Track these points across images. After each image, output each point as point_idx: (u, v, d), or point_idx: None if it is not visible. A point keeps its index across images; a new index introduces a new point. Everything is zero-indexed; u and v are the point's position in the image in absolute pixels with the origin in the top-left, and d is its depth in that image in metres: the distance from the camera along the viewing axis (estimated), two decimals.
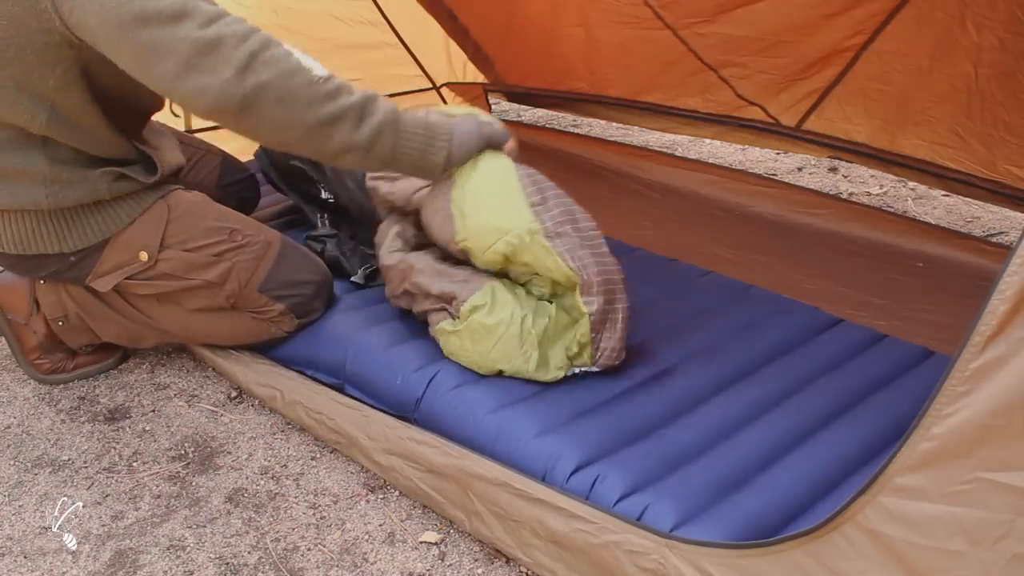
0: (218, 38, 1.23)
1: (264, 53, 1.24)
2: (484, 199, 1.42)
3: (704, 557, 1.07)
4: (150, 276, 1.55)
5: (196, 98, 1.24)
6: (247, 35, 1.24)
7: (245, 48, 1.23)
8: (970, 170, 2.02)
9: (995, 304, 0.79)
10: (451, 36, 2.81)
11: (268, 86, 1.24)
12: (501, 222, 1.39)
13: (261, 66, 1.23)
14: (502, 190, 1.42)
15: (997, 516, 0.83)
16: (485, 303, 1.42)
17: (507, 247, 1.38)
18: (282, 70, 1.24)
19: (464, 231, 1.42)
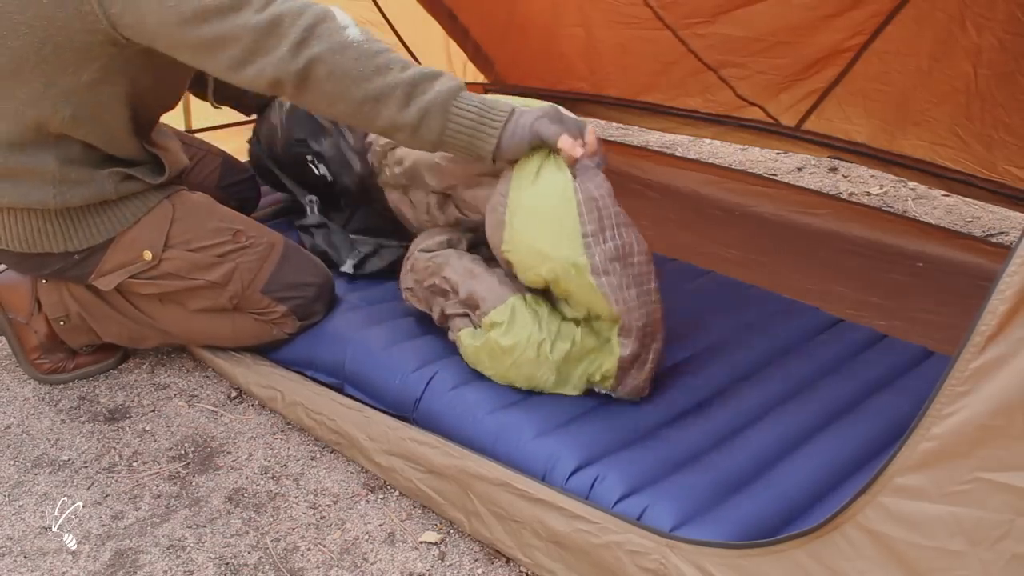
0: (275, 18, 1.28)
1: (318, 28, 1.28)
2: (535, 217, 1.34)
3: (705, 557, 1.07)
4: (153, 276, 1.55)
5: (257, 78, 1.30)
6: (302, 11, 1.29)
7: (300, 24, 1.28)
8: (970, 170, 2.02)
9: (995, 304, 0.79)
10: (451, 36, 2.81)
11: (319, 60, 1.27)
12: (547, 247, 1.32)
13: (315, 41, 1.28)
14: (556, 213, 1.32)
15: (997, 516, 0.83)
16: (503, 321, 1.38)
17: (550, 274, 1.33)
18: (333, 45, 1.28)
19: (510, 243, 1.36)
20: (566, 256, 1.30)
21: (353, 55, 1.28)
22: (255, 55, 1.28)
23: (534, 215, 1.33)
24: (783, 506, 1.19)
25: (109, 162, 1.50)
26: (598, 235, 1.30)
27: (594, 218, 1.30)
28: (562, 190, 1.32)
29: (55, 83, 1.38)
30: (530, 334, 1.37)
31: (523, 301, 1.40)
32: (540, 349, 1.36)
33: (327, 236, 1.85)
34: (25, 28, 1.33)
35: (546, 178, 1.34)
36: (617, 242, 1.31)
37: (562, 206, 1.31)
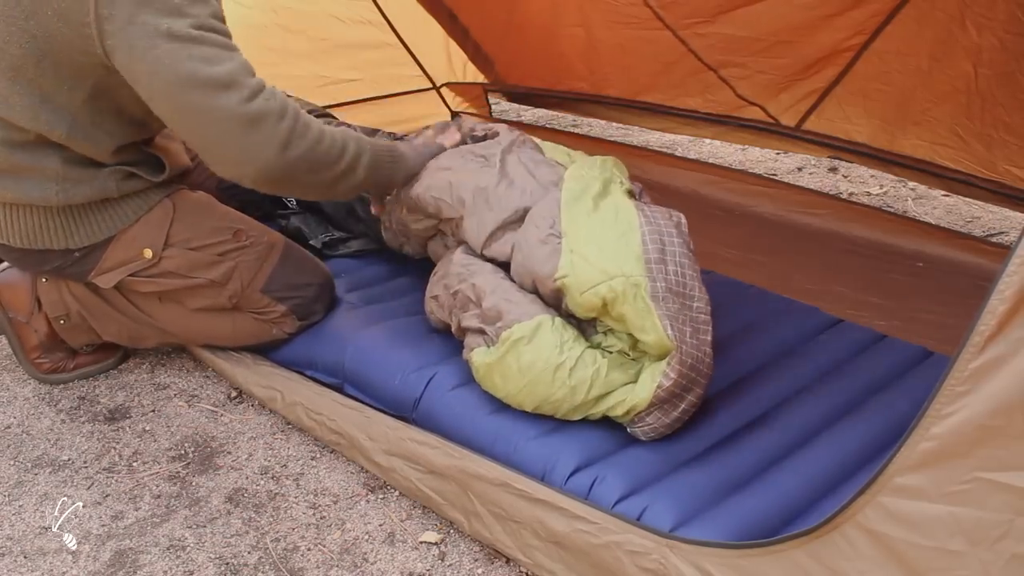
0: (261, 114, 1.31)
1: (297, 127, 1.35)
2: (598, 238, 1.32)
3: (704, 557, 1.07)
4: (153, 274, 1.55)
5: (231, 170, 1.36)
6: (283, 112, 1.34)
7: (283, 126, 1.33)
8: (970, 170, 2.02)
9: (994, 304, 0.79)
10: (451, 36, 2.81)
11: (302, 159, 1.36)
12: (609, 265, 1.28)
13: (297, 141, 1.35)
14: (619, 234, 1.32)
15: (996, 516, 0.83)
16: (524, 336, 1.32)
17: (609, 292, 1.26)
18: (310, 142, 1.37)
19: (568, 267, 1.31)
20: (629, 273, 1.26)
21: (324, 147, 1.39)
22: (234, 148, 1.32)
23: (597, 234, 1.33)
24: (783, 506, 1.19)
25: (111, 161, 1.50)
26: (660, 264, 1.28)
27: (657, 248, 1.30)
28: (626, 213, 1.35)
29: (51, 99, 1.38)
30: (549, 356, 1.31)
31: (550, 322, 1.34)
32: (557, 373, 1.30)
33: (303, 218, 1.91)
34: (27, 37, 1.33)
35: (608, 207, 1.37)
36: (679, 279, 1.29)
37: (628, 228, 1.32)
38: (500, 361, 1.34)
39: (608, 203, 1.40)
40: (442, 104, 2.96)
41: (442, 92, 2.95)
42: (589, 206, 1.38)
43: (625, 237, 1.31)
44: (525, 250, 1.38)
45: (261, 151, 1.31)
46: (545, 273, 1.34)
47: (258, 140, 1.31)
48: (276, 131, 1.31)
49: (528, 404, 1.33)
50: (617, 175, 1.52)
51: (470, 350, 1.41)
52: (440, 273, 1.55)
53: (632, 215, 1.35)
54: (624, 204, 1.39)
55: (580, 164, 1.54)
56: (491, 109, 3.04)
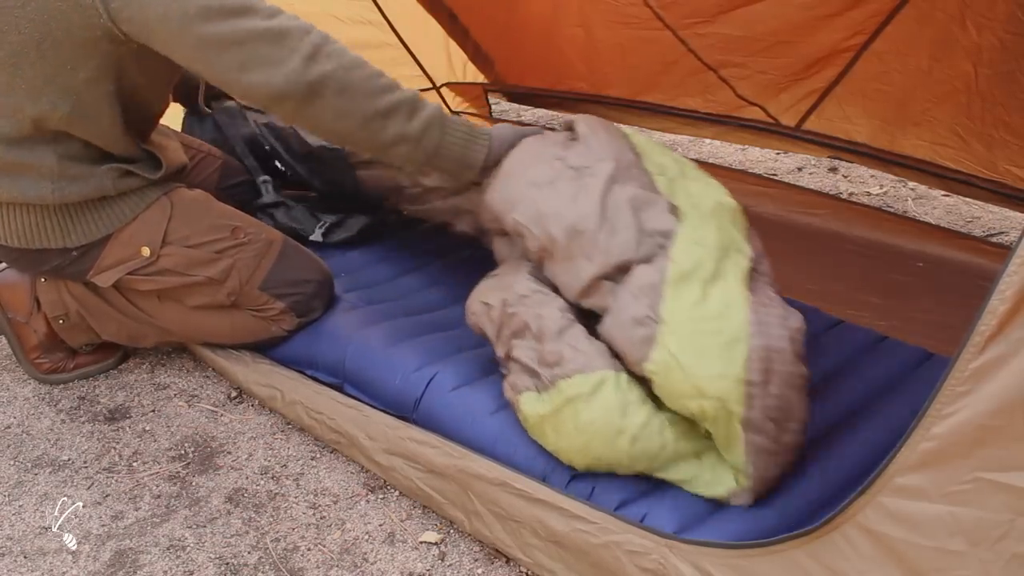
0: (284, 29, 1.29)
1: (326, 46, 1.31)
2: (699, 342, 1.15)
3: (704, 557, 1.07)
4: (152, 272, 1.55)
5: (260, 87, 1.30)
6: (309, 29, 1.32)
7: (309, 40, 1.30)
8: (970, 170, 2.01)
9: (995, 304, 0.79)
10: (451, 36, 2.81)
11: (331, 76, 1.30)
12: (705, 383, 1.12)
13: (325, 58, 1.30)
14: (724, 344, 1.14)
15: (996, 516, 0.83)
16: (582, 394, 1.20)
17: (698, 410, 1.14)
18: (344, 63, 1.32)
19: (661, 366, 1.16)
20: (725, 397, 1.11)
21: (363, 73, 1.33)
22: (258, 63, 1.29)
23: (698, 344, 1.15)
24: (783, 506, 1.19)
25: (108, 159, 1.50)
26: (763, 386, 1.12)
27: (762, 368, 1.13)
28: (737, 320, 1.16)
29: (53, 80, 1.38)
30: (610, 419, 1.18)
31: (614, 380, 1.21)
32: (617, 440, 1.18)
33: (288, 213, 1.90)
34: (26, 23, 1.33)
35: (718, 300, 1.19)
36: (779, 403, 1.14)
37: (734, 344, 1.14)
38: (555, 415, 1.22)
39: (719, 294, 1.20)
40: (442, 104, 2.96)
41: (442, 92, 2.95)
42: (697, 294, 1.20)
43: (730, 350, 1.14)
44: (619, 318, 1.23)
45: (284, 64, 1.28)
46: (634, 358, 1.19)
47: (280, 54, 1.29)
48: (300, 44, 1.29)
49: (580, 463, 1.22)
50: (736, 238, 1.33)
51: (515, 390, 1.29)
52: (500, 283, 1.40)
53: (743, 318, 1.16)
54: (737, 299, 1.20)
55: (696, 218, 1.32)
56: (491, 109, 3.04)
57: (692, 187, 1.41)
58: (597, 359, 1.23)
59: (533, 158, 1.42)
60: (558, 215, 1.32)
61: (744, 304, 1.19)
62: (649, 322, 1.19)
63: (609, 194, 1.32)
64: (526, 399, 1.26)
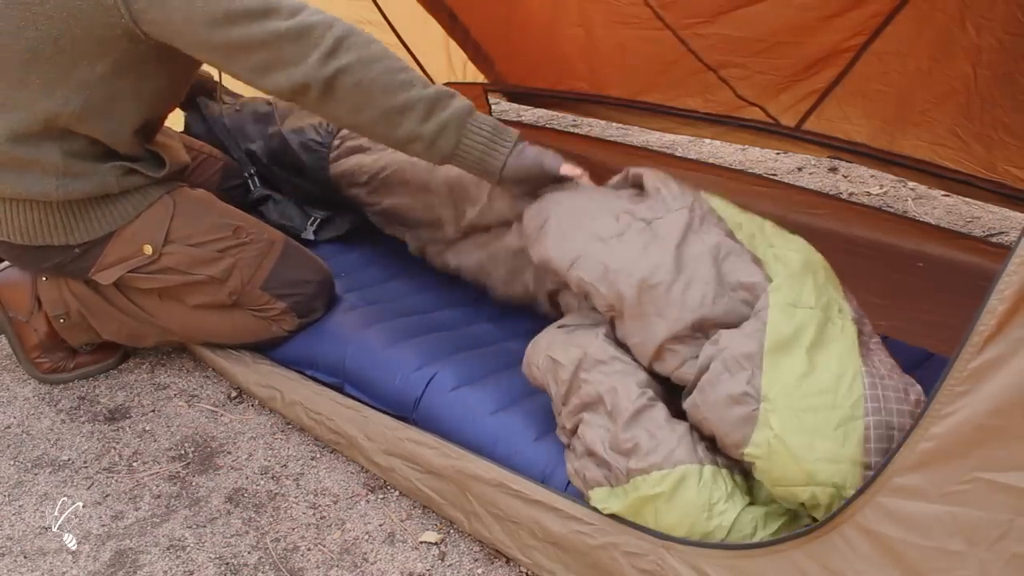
0: (306, 26, 1.32)
1: (348, 39, 1.33)
2: (810, 422, 1.02)
3: (701, 558, 1.06)
4: (153, 270, 1.56)
5: (283, 84, 1.33)
6: (332, 22, 1.33)
7: (331, 34, 1.32)
8: (970, 170, 2.02)
9: (994, 304, 0.79)
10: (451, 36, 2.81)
11: (348, 70, 1.32)
12: (818, 468, 0.99)
13: (344, 52, 1.32)
14: (839, 422, 1.01)
15: (995, 516, 0.83)
16: (663, 492, 1.08)
17: (810, 499, 1.01)
18: (363, 57, 1.33)
19: (764, 449, 1.02)
20: (841, 483, 0.99)
21: (380, 68, 1.34)
22: (283, 62, 1.32)
23: (808, 424, 1.02)
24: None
25: (112, 156, 1.51)
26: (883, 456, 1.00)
27: (883, 444, 1.00)
28: (852, 392, 1.03)
29: (70, 74, 1.39)
30: (695, 520, 1.07)
31: (697, 475, 1.08)
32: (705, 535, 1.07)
33: (277, 208, 1.92)
34: (44, 19, 1.34)
35: (827, 368, 1.05)
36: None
37: (850, 421, 1.01)
38: (632, 512, 1.11)
39: (828, 363, 1.06)
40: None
41: None
42: (803, 364, 1.06)
43: (845, 428, 1.01)
44: (711, 396, 1.09)
45: (303, 60, 1.31)
46: (731, 441, 1.06)
47: (300, 51, 1.32)
48: (321, 40, 1.32)
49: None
50: (836, 297, 1.19)
51: (582, 479, 1.16)
52: (573, 339, 1.26)
53: (859, 387, 1.03)
54: (849, 368, 1.05)
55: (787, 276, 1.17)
56: (491, 109, 3.04)
57: (775, 242, 1.27)
58: (678, 450, 1.10)
59: (597, 209, 1.31)
60: (627, 270, 1.20)
61: (858, 375, 1.05)
62: (748, 399, 1.05)
63: (685, 243, 1.21)
64: (597, 494, 1.14)
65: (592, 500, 1.15)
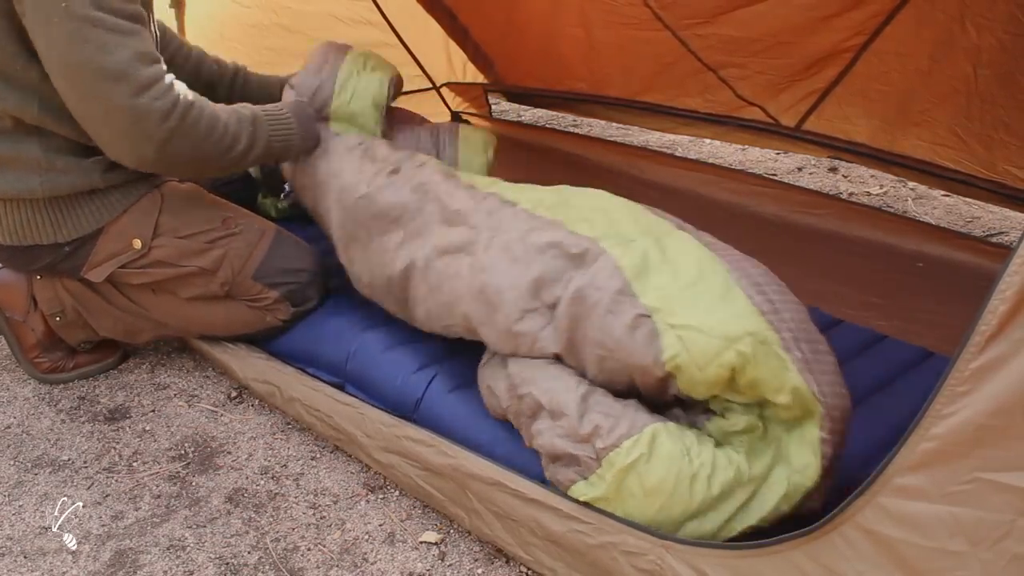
0: (144, 112, 1.34)
1: (182, 126, 1.38)
2: (697, 302, 1.13)
3: (701, 558, 1.06)
4: (144, 264, 1.56)
5: (117, 156, 1.41)
6: (168, 112, 1.36)
7: (166, 127, 1.36)
8: (970, 170, 2.02)
9: (995, 304, 0.79)
10: (451, 36, 2.81)
11: (181, 155, 1.41)
12: (729, 328, 1.08)
13: (178, 139, 1.38)
14: (721, 292, 1.13)
15: (997, 516, 0.83)
16: (642, 454, 1.11)
17: (738, 358, 1.07)
18: (196, 138, 1.41)
19: (678, 345, 1.10)
20: (754, 330, 1.07)
21: (212, 142, 1.43)
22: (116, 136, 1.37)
23: (697, 304, 1.12)
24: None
25: (93, 151, 1.50)
26: (774, 313, 1.11)
27: (762, 296, 1.13)
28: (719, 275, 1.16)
29: (10, 78, 1.40)
30: (680, 467, 1.10)
31: (665, 430, 1.13)
32: (694, 485, 1.09)
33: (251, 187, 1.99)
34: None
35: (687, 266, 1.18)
36: (799, 323, 1.11)
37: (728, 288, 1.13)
38: (616, 491, 1.13)
39: (684, 261, 1.19)
40: (442, 104, 2.96)
41: (442, 92, 2.95)
42: (666, 274, 1.18)
43: (727, 296, 1.12)
44: (608, 343, 1.16)
45: (140, 145, 1.36)
46: (648, 362, 1.12)
47: (138, 136, 1.35)
48: (158, 130, 1.35)
49: (669, 526, 1.11)
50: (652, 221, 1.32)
51: (562, 485, 1.18)
52: (496, 368, 1.33)
53: (719, 267, 1.17)
54: (702, 255, 1.19)
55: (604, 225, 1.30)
56: (491, 109, 3.04)
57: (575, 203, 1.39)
58: (636, 415, 1.15)
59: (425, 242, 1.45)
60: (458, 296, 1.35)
61: (712, 258, 1.18)
62: (642, 319, 1.14)
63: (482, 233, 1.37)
64: (577, 491, 1.16)
65: (575, 494, 1.16)
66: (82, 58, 1.29)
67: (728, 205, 2.30)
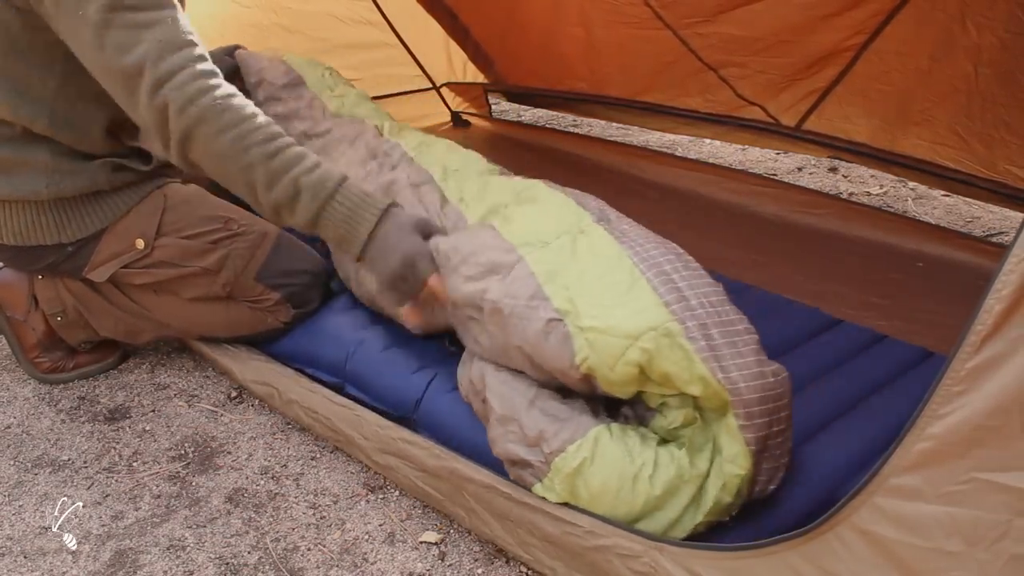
0: (162, 107, 1.27)
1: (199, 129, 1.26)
2: (601, 301, 1.14)
3: (695, 560, 1.06)
4: (147, 264, 1.56)
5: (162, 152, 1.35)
6: (186, 105, 1.26)
7: (183, 121, 1.26)
8: (970, 170, 2.02)
9: (991, 303, 0.79)
10: (451, 36, 2.81)
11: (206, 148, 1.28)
12: (629, 324, 1.10)
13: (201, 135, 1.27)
14: (626, 288, 1.15)
15: (994, 516, 0.83)
16: (585, 458, 1.13)
17: (642, 355, 1.08)
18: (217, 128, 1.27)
19: (586, 348, 1.12)
20: (655, 323, 1.09)
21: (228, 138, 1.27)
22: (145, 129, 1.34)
23: (601, 304, 1.14)
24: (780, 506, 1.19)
25: (100, 154, 1.52)
26: (681, 301, 1.12)
27: (669, 285, 1.14)
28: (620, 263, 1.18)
29: (26, 91, 1.41)
30: (622, 469, 1.11)
31: (607, 432, 1.14)
32: (636, 485, 1.10)
33: None
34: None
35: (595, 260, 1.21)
36: (706, 308, 1.12)
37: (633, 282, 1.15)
38: (572, 495, 1.15)
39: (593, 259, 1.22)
40: (442, 104, 2.96)
41: (442, 92, 2.95)
42: (575, 274, 1.20)
43: (633, 288, 1.14)
44: (527, 348, 1.19)
45: (159, 144, 1.32)
46: (566, 365, 1.15)
47: (165, 132, 1.30)
48: (175, 127, 1.27)
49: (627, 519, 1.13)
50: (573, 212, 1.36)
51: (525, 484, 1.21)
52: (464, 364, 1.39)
53: (625, 259, 1.19)
54: (612, 250, 1.22)
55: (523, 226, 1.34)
56: (491, 109, 3.05)
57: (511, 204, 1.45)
58: (580, 417, 1.17)
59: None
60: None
61: (621, 252, 1.21)
62: (555, 324, 1.16)
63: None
64: (538, 491, 1.18)
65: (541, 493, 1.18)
66: (105, 65, 1.29)
67: (728, 205, 2.29)
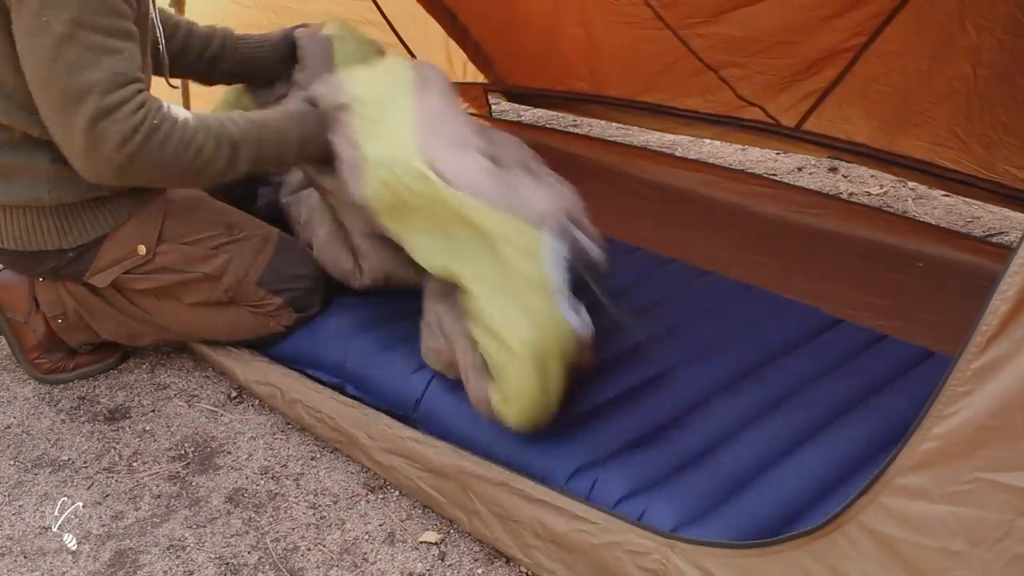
0: (101, 138, 1.30)
1: (145, 150, 1.32)
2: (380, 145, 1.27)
3: (705, 557, 1.07)
4: (149, 270, 1.56)
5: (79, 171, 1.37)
6: (129, 136, 1.30)
7: (125, 152, 1.31)
8: (970, 171, 2.02)
9: (996, 304, 0.79)
10: (451, 36, 2.81)
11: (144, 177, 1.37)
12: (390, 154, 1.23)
13: (140, 162, 1.32)
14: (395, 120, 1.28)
15: (998, 516, 0.83)
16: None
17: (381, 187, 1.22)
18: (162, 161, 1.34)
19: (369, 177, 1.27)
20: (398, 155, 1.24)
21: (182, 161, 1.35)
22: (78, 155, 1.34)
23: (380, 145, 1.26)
24: (785, 506, 1.19)
25: None
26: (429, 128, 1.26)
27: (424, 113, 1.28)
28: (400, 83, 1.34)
29: (13, 94, 1.39)
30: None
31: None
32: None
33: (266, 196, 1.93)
34: None
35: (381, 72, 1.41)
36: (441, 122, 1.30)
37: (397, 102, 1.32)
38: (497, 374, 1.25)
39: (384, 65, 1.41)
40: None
41: None
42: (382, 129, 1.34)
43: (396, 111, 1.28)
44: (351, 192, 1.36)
45: (97, 166, 1.33)
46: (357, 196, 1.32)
47: (95, 158, 1.32)
48: (116, 155, 1.31)
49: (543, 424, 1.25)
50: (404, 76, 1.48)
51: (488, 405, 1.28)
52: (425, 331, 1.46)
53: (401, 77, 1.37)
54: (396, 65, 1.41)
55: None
56: (491, 109, 3.04)
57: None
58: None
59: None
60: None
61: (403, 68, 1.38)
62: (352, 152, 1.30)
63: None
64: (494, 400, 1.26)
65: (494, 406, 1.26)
66: (49, 76, 1.28)
67: (728, 205, 2.30)
